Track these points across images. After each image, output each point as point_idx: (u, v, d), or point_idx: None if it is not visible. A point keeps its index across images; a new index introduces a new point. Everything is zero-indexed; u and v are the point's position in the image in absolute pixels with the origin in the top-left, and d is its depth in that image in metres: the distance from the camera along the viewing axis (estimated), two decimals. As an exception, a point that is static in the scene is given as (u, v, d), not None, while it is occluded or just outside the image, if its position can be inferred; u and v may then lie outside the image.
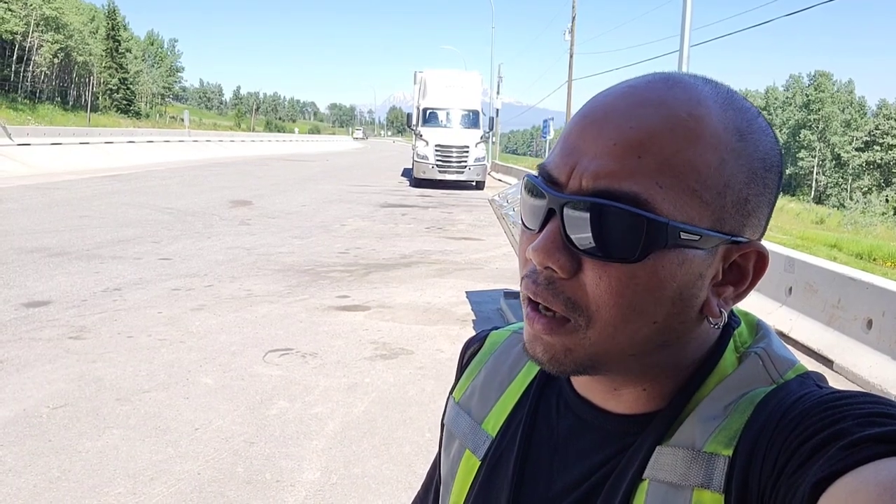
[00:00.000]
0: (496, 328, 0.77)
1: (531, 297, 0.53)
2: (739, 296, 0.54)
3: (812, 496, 0.41)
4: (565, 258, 0.51)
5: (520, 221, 0.57)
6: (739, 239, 0.51)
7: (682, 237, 0.49)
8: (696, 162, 0.49)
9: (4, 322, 5.32)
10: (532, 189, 0.54)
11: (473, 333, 0.79)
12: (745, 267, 0.54)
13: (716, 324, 0.54)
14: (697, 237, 0.49)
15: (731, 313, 0.59)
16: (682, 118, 0.50)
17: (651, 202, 0.48)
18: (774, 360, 0.55)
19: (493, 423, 0.67)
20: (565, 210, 0.50)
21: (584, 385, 0.61)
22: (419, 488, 0.83)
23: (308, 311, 5.99)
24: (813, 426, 0.46)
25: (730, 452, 0.50)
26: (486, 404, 0.69)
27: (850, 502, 0.38)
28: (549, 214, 0.52)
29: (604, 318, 0.51)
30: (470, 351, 0.76)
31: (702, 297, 0.52)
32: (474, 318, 6.00)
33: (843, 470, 0.40)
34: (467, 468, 0.67)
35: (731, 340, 0.57)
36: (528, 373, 0.68)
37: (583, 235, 0.50)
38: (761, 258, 0.53)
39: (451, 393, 0.74)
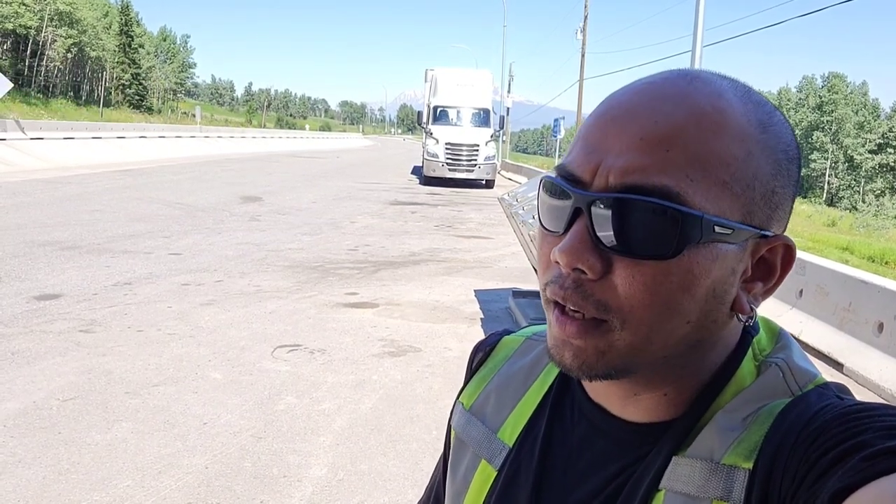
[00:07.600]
0: (508, 332, 0.74)
1: (559, 301, 0.51)
2: (768, 291, 0.54)
3: None
4: (595, 258, 0.49)
5: (538, 225, 0.55)
6: (768, 232, 0.51)
7: (716, 231, 0.48)
8: (723, 154, 0.49)
9: (16, 314, 5.37)
10: (553, 190, 0.52)
11: (481, 332, 0.77)
12: (773, 261, 0.53)
13: (746, 321, 0.54)
14: (730, 231, 0.49)
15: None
16: (707, 111, 0.49)
17: (683, 196, 0.47)
18: (795, 373, 0.54)
19: (510, 432, 0.65)
20: (593, 208, 0.49)
21: (599, 392, 0.59)
22: (422, 493, 0.81)
23: (317, 308, 6.01)
24: (833, 438, 0.45)
25: (750, 465, 0.49)
26: (501, 412, 0.66)
27: None
28: (576, 214, 0.50)
29: (638, 319, 0.49)
30: (479, 355, 0.73)
31: (733, 293, 0.52)
32: (482, 316, 5.98)
33: (862, 481, 0.40)
34: (483, 478, 0.64)
35: (750, 348, 0.56)
36: (545, 380, 0.66)
37: (613, 233, 0.48)
38: (789, 251, 0.53)
39: (458, 397, 0.72)
